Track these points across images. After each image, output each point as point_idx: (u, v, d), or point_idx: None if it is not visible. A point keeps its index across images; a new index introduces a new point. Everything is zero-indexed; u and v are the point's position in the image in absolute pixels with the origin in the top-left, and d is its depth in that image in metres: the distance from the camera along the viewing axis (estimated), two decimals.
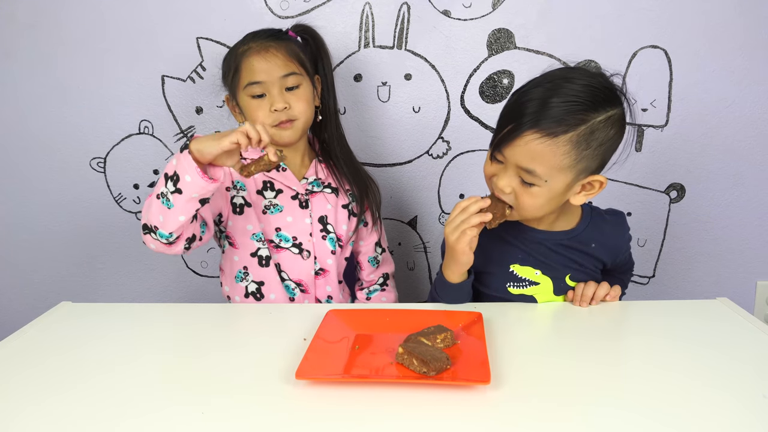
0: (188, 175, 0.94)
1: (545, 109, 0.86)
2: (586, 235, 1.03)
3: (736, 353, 0.80)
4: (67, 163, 1.52)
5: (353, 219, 1.24)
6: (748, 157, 1.46)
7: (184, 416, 0.68)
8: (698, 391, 0.71)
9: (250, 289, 1.18)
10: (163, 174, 0.97)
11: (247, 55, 1.12)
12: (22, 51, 1.45)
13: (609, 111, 0.87)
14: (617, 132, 0.90)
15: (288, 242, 1.18)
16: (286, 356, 0.81)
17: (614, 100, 0.89)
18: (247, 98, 1.13)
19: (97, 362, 0.82)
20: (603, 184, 0.93)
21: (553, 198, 0.92)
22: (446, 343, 0.82)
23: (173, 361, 0.83)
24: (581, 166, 0.89)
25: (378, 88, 1.46)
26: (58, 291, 1.61)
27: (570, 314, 0.97)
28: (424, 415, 0.67)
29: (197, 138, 0.95)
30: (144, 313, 1.02)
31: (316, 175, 1.21)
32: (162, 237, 1.00)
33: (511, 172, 0.92)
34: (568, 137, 0.86)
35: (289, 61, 1.13)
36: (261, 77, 1.11)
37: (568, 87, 0.87)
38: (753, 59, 1.39)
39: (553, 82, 0.88)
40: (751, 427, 0.64)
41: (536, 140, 0.86)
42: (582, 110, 0.86)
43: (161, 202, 0.97)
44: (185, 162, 0.94)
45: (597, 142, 0.87)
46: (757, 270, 1.54)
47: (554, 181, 0.90)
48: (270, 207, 1.17)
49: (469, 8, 1.40)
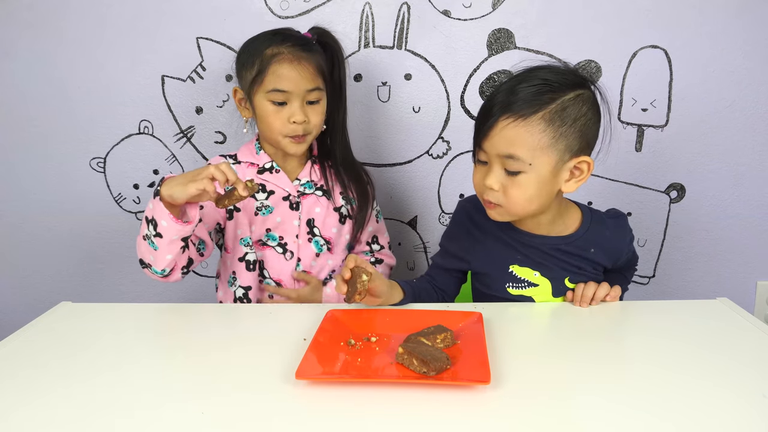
0: (164, 221, 0.96)
1: (514, 94, 0.89)
2: (585, 240, 1.02)
3: (736, 353, 0.80)
4: (67, 163, 1.52)
5: (348, 222, 1.23)
6: (748, 157, 1.46)
7: (184, 416, 0.68)
8: (698, 391, 0.71)
9: (238, 294, 1.18)
10: (144, 216, 0.99)
11: (278, 60, 1.10)
12: (22, 51, 1.45)
13: (578, 90, 0.90)
14: (590, 109, 0.91)
15: (274, 241, 1.18)
16: (286, 356, 0.81)
17: (582, 83, 0.92)
18: (266, 102, 1.12)
19: (97, 362, 0.82)
20: (590, 165, 0.93)
21: (542, 186, 0.92)
22: (446, 343, 0.82)
23: (173, 361, 0.83)
24: (562, 145, 0.89)
25: (378, 88, 1.46)
26: (58, 291, 1.61)
27: (570, 314, 0.97)
28: (424, 415, 0.67)
29: (167, 181, 0.95)
30: (144, 313, 1.02)
31: (309, 177, 1.21)
32: (157, 273, 1.04)
33: (495, 168, 0.92)
34: (540, 115, 0.88)
35: (317, 75, 1.13)
36: (288, 87, 1.10)
37: (534, 74, 0.91)
38: (753, 59, 1.39)
39: (519, 75, 0.92)
40: (751, 427, 0.64)
41: (510, 124, 0.88)
42: (550, 91, 0.89)
43: (147, 243, 1.00)
44: (158, 208, 0.95)
45: (571, 118, 0.89)
46: (757, 270, 1.54)
47: (538, 164, 0.90)
48: (262, 208, 1.17)
49: (469, 8, 1.40)
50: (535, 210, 0.96)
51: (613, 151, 1.43)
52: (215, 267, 1.57)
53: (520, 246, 1.03)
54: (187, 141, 1.50)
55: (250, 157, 1.21)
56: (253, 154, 1.21)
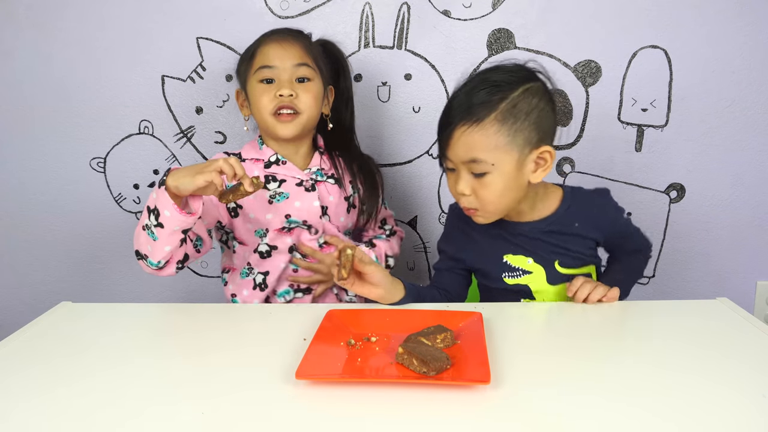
0: (167, 211, 0.96)
1: (466, 101, 0.94)
2: (568, 217, 1.04)
3: (736, 353, 0.80)
4: (67, 163, 1.52)
5: (353, 211, 1.24)
6: (748, 157, 1.46)
7: (184, 416, 0.68)
8: (698, 391, 0.71)
9: (258, 281, 1.18)
10: (146, 206, 0.99)
11: (264, 42, 1.15)
12: (22, 51, 1.45)
13: (525, 85, 0.94)
14: (541, 100, 0.95)
15: (297, 224, 1.18)
16: (286, 356, 0.81)
17: (530, 77, 0.96)
18: (256, 83, 1.14)
19: (97, 362, 0.82)
20: (552, 153, 0.96)
21: (509, 181, 0.95)
22: (446, 343, 0.82)
23: (173, 361, 0.83)
24: (520, 140, 0.93)
25: (378, 88, 1.46)
26: (58, 291, 1.61)
27: (570, 314, 0.97)
28: (424, 415, 0.67)
29: (174, 172, 0.96)
30: (144, 313, 1.02)
31: (319, 165, 1.21)
32: (152, 265, 1.03)
33: (463, 173, 0.96)
34: (493, 117, 0.92)
35: (304, 54, 1.15)
36: (274, 62, 1.13)
37: (482, 78, 0.96)
38: (753, 59, 1.39)
39: (469, 82, 0.97)
40: (751, 427, 0.64)
41: (467, 131, 0.92)
42: (498, 91, 0.93)
43: (147, 233, 1.00)
44: (163, 198, 0.95)
45: (523, 113, 0.93)
46: (757, 270, 1.54)
47: (501, 163, 0.93)
48: (276, 196, 1.17)
49: (469, 8, 1.40)
50: (509, 204, 0.99)
51: (613, 151, 1.45)
52: (216, 267, 1.57)
53: (510, 236, 1.05)
54: (187, 141, 1.50)
55: (254, 153, 1.21)
56: (257, 149, 1.21)
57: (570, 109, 1.44)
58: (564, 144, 1.46)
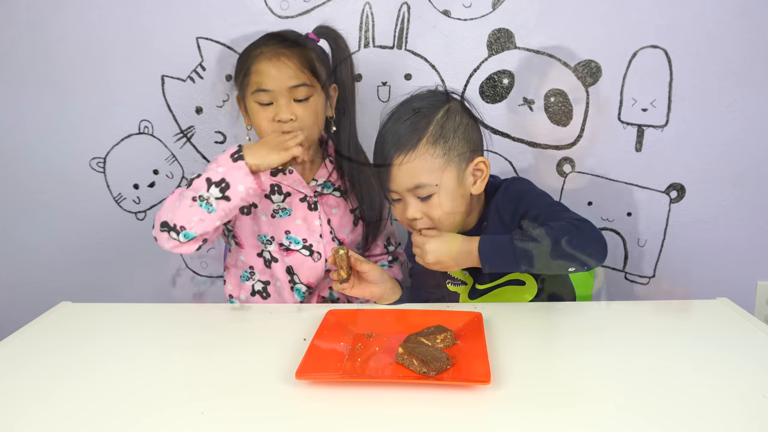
0: (241, 185, 0.97)
1: (395, 133, 0.98)
2: (483, 219, 1.07)
3: (736, 353, 0.80)
4: (66, 163, 1.52)
5: (359, 224, 1.23)
6: (748, 157, 1.46)
7: (184, 416, 0.68)
8: (698, 391, 0.71)
9: (257, 288, 1.18)
10: (205, 178, 0.99)
11: (258, 59, 1.09)
12: (22, 51, 1.45)
13: (444, 106, 1.00)
14: (464, 116, 1.01)
15: (298, 244, 1.17)
16: (286, 356, 0.81)
17: (445, 99, 1.02)
18: (254, 104, 1.10)
19: (97, 362, 0.82)
20: (486, 163, 1.02)
21: (454, 198, 0.99)
22: (446, 343, 0.82)
23: (173, 361, 0.83)
24: (454, 156, 0.98)
25: (378, 88, 1.46)
26: (58, 291, 1.60)
27: (570, 314, 0.97)
28: (424, 415, 0.67)
29: (250, 149, 1.00)
30: (144, 313, 1.02)
31: (327, 177, 1.19)
32: (186, 237, 1.01)
33: (410, 200, 0.99)
34: (425, 141, 0.97)
35: (301, 71, 1.09)
36: (269, 85, 1.08)
37: (404, 108, 1.01)
38: (753, 59, 1.39)
39: (393, 115, 1.02)
40: (751, 427, 0.64)
41: (405, 159, 0.97)
42: (423, 117, 0.98)
43: (199, 204, 0.99)
44: (238, 173, 0.97)
45: (451, 131, 0.99)
46: (757, 270, 1.53)
47: (444, 181, 0.98)
48: (278, 211, 1.16)
49: (469, 8, 1.40)
50: (461, 219, 1.03)
51: (613, 151, 1.45)
52: (216, 266, 1.58)
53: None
54: (187, 141, 1.50)
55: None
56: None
57: (570, 109, 1.44)
58: (564, 144, 1.46)
